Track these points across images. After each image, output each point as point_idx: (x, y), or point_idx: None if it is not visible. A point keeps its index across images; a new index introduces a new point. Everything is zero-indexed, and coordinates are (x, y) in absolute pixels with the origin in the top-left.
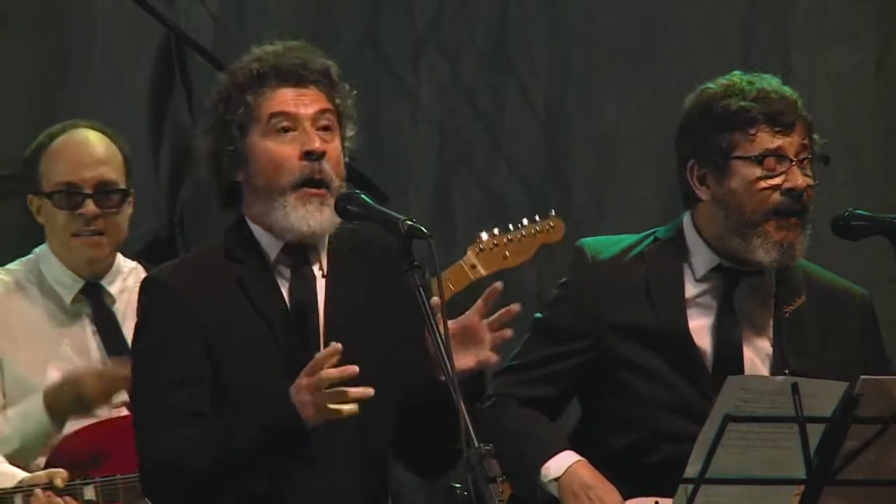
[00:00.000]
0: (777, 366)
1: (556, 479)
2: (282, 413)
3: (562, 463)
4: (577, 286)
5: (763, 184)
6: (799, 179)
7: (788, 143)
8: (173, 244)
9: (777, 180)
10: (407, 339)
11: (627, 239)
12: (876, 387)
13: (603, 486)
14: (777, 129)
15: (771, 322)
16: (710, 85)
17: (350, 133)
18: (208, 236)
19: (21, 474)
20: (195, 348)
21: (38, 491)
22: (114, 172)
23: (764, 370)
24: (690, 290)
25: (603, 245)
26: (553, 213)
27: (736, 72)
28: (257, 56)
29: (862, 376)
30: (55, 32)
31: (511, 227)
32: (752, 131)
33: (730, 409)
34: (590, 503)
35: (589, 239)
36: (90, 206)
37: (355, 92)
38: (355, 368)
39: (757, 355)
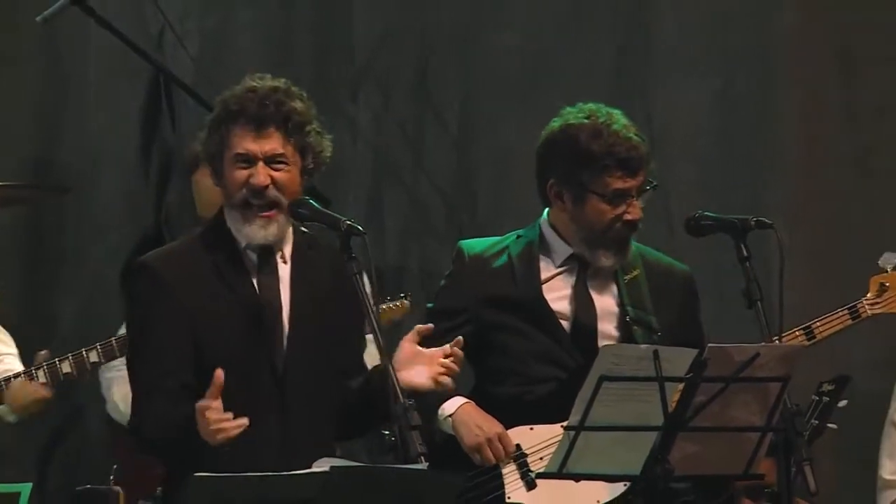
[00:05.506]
0: (621, 318)
1: (451, 416)
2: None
3: (454, 403)
4: (456, 275)
5: (610, 215)
6: (637, 213)
7: (633, 184)
8: (160, 241)
9: (620, 212)
10: (351, 323)
11: (496, 238)
12: (720, 352)
13: (486, 417)
14: (627, 173)
15: (615, 288)
16: (575, 117)
17: (315, 157)
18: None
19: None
20: (177, 325)
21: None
22: None
23: (611, 324)
24: (551, 270)
25: (476, 244)
26: (403, 295)
27: (591, 104)
28: (239, 92)
29: (709, 344)
30: (55, 70)
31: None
32: (608, 176)
33: (604, 371)
34: (477, 429)
35: (465, 241)
36: None
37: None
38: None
39: (606, 314)
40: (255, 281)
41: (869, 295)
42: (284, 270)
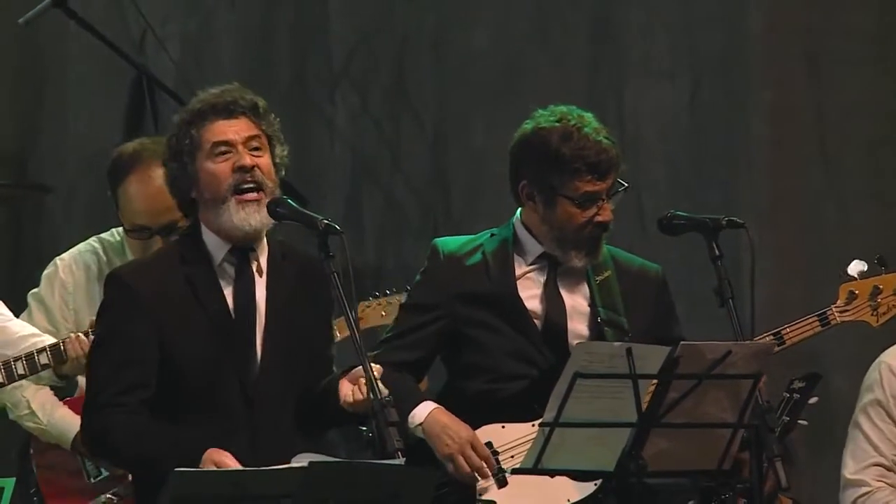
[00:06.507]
0: (592, 318)
1: (420, 425)
2: (191, 456)
3: (423, 411)
4: (431, 271)
5: (580, 218)
6: (608, 215)
7: (603, 187)
8: None
9: (590, 214)
10: (324, 328)
11: (470, 236)
12: (692, 350)
13: (456, 424)
14: (597, 176)
15: (586, 288)
16: (546, 120)
17: (280, 152)
18: None
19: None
20: (143, 335)
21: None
22: (177, 212)
23: (582, 324)
24: (523, 268)
25: (451, 242)
26: (389, 292)
27: (563, 107)
28: (199, 98)
29: (681, 342)
30: (36, 71)
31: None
32: (578, 179)
33: (578, 368)
34: (448, 439)
35: (440, 238)
36: (157, 242)
37: (278, 119)
38: None
39: (576, 313)
40: (229, 297)
41: (839, 302)
42: (260, 285)
